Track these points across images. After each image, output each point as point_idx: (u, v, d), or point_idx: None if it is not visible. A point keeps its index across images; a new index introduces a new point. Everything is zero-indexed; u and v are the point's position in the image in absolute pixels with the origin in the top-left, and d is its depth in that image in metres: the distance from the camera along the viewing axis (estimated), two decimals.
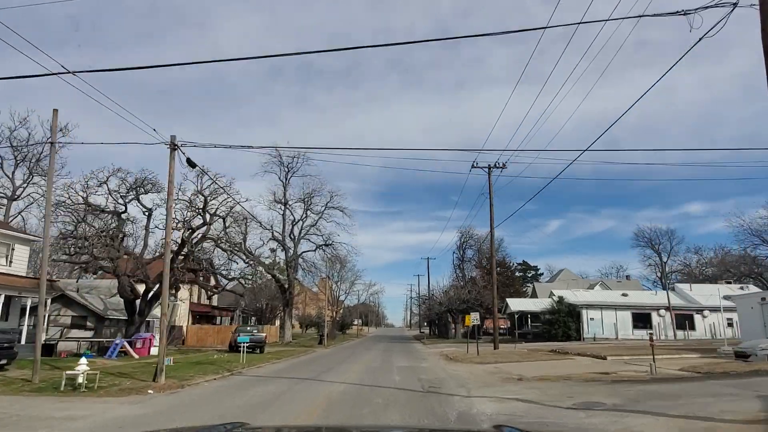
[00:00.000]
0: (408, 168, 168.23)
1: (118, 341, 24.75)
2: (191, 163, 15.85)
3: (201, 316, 49.17)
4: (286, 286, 45.60)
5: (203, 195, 28.24)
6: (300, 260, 48.90)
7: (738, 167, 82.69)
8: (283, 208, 45.92)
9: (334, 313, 67.33)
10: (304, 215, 47.44)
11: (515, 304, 48.93)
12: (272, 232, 44.32)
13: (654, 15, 10.57)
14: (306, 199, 47.18)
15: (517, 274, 71.24)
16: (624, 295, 47.36)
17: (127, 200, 27.64)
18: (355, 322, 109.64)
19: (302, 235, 47.48)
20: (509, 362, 22.93)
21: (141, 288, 28.12)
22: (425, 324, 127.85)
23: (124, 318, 29.86)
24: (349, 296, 71.54)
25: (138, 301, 27.72)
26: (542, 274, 73.11)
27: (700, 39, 9.89)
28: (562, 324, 42.06)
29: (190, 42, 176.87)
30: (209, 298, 53.31)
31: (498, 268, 63.15)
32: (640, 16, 10.96)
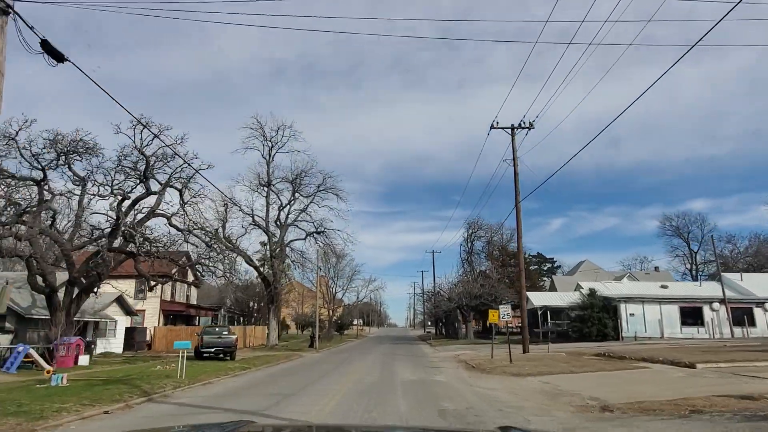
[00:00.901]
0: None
1: (21, 348, 18.22)
2: (51, 51, 9.27)
3: (175, 315, 42.68)
4: (271, 279, 39.07)
5: (143, 154, 21.65)
6: (288, 250, 42.41)
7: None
8: (266, 189, 39.41)
9: (331, 311, 60.76)
10: (292, 198, 40.98)
11: (538, 299, 42.29)
12: (252, 216, 37.86)
13: None
14: (294, 180, 40.68)
15: (531, 267, 64.60)
16: (663, 287, 40.69)
17: (48, 164, 21.09)
18: (355, 322, 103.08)
19: (290, 220, 41.00)
20: (557, 373, 16.38)
21: (64, 277, 21.66)
22: (429, 323, 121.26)
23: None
24: (347, 293, 65.04)
25: (60, 296, 21.20)
26: (559, 267, 66.66)
27: (700, 39, 9.06)
28: (596, 321, 35.43)
29: (190, 43, 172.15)
30: (188, 294, 46.90)
31: (511, 260, 56.60)
32: None
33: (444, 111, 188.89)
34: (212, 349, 25.23)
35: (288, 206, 40.73)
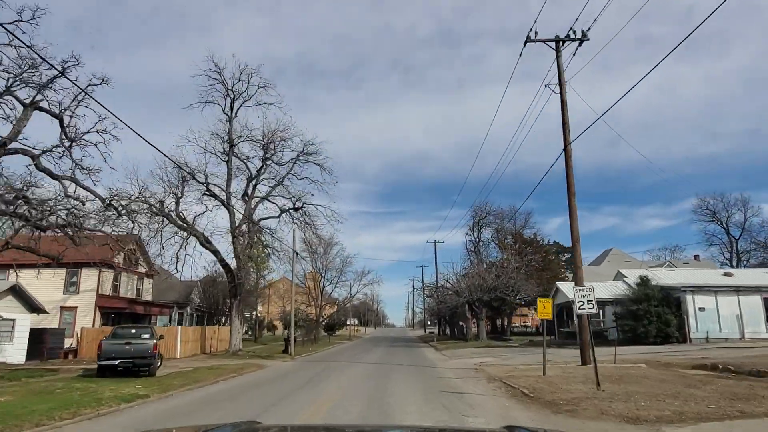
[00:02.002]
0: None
1: None
2: None
3: (119, 314, 34.18)
4: (236, 267, 30.64)
5: None
6: (263, 233, 33.99)
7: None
8: (227, 153, 30.86)
9: (318, 309, 52.32)
10: (263, 167, 32.46)
11: (572, 290, 33.38)
12: (206, 185, 29.28)
13: None
14: (266, 145, 32.17)
15: (549, 257, 56.21)
16: (727, 275, 32.38)
17: None
18: (349, 322, 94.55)
19: (259, 193, 32.58)
20: (715, 419, 8.11)
21: None
22: (429, 323, 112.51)
23: None
24: (338, 288, 56.50)
25: None
26: None
27: (692, 32, 8.76)
28: (654, 317, 27.11)
29: (191, 44, 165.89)
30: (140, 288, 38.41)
31: (528, 248, 48.27)
32: None
33: (443, 111, 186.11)
34: (116, 362, 16.79)
35: (257, 177, 32.27)
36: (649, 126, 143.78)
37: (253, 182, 31.89)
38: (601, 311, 38.26)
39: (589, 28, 18.77)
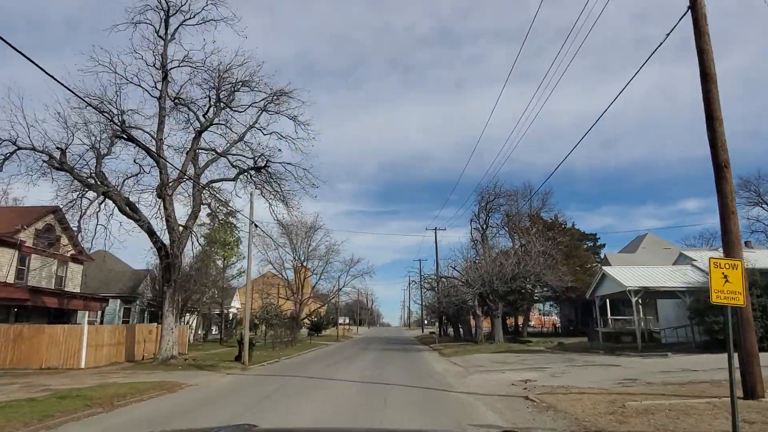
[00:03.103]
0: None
1: None
2: None
3: (22, 308, 25.73)
4: (169, 246, 22.22)
5: None
6: (214, 202, 25.74)
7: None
8: (158, 86, 22.42)
9: (298, 305, 44.02)
10: (210, 109, 24.06)
11: (628, 275, 24.62)
12: (119, 124, 20.69)
13: None
14: (218, 85, 23.74)
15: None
16: None
17: None
18: (340, 321, 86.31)
19: (204, 144, 24.28)
20: None
21: None
22: (428, 321, 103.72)
23: None
24: (323, 281, 48.10)
25: None
26: (604, 245, 50.15)
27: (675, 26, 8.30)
28: (759, 311, 19.02)
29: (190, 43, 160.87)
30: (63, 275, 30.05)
31: (549, 232, 40.20)
32: None
33: (443, 111, 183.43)
34: None
35: (204, 125, 23.88)
36: (646, 126, 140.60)
37: (199, 129, 23.52)
38: (640, 306, 30.27)
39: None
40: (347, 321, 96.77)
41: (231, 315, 59.64)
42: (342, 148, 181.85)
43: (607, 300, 28.02)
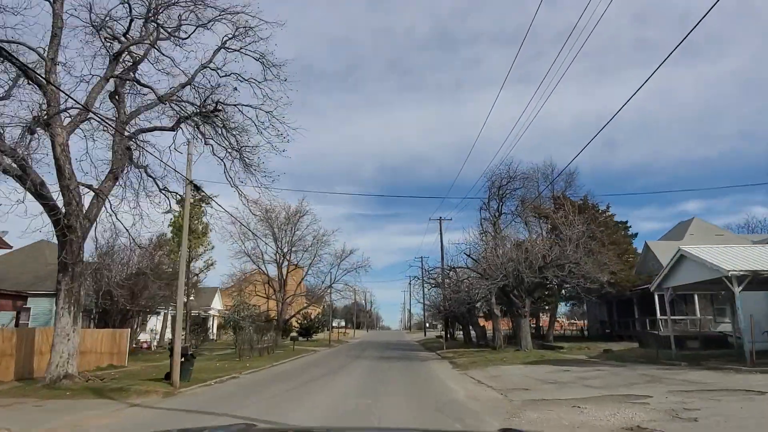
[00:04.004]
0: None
1: None
2: None
3: None
4: (63, 212, 15.35)
5: None
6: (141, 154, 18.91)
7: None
8: None
9: (280, 305, 37.13)
10: (142, 32, 17.26)
11: (728, 258, 16.91)
12: None
13: None
14: None
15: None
16: None
17: None
18: (335, 323, 79.31)
19: (114, 69, 17.43)
20: None
21: None
22: (429, 324, 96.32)
23: None
24: (311, 276, 41.13)
25: None
26: (636, 234, 43.26)
27: (689, 32, 7.90)
28: None
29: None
30: None
31: (576, 215, 33.28)
32: None
33: (441, 113, 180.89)
34: None
35: (124, 45, 17.07)
36: (645, 128, 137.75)
37: (116, 52, 16.69)
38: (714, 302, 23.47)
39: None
40: (342, 323, 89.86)
41: (212, 318, 52.72)
42: (340, 150, 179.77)
43: (674, 294, 21.19)
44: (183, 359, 15.56)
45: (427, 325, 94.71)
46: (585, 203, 35.75)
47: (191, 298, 37.38)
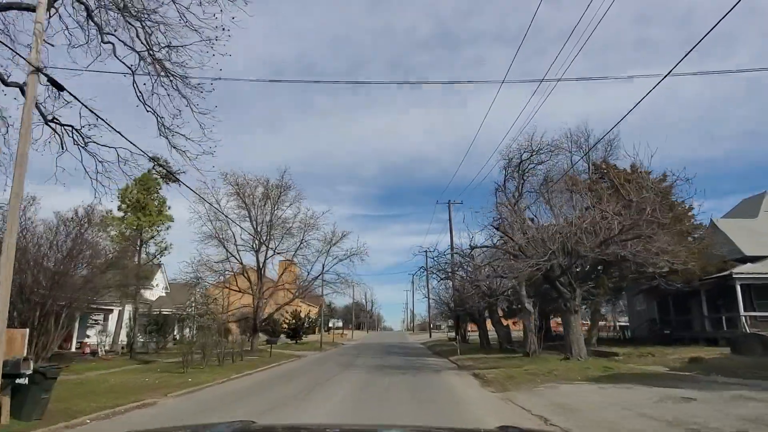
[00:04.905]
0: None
1: None
2: None
3: None
4: None
5: None
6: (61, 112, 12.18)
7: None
8: None
9: (257, 301, 30.37)
10: None
11: None
12: None
13: None
14: None
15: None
16: None
17: None
18: (331, 324, 72.59)
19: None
20: None
21: None
22: (433, 325, 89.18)
23: None
24: (296, 266, 34.28)
25: None
26: (692, 207, 35.94)
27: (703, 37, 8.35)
28: None
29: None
30: None
31: (625, 183, 26.55)
32: None
33: (443, 113, 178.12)
34: None
35: None
36: (648, 127, 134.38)
37: None
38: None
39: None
40: (340, 323, 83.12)
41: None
42: (342, 150, 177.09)
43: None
44: (25, 381, 8.87)
45: (432, 325, 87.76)
46: (634, 170, 28.93)
47: (148, 290, 30.61)
